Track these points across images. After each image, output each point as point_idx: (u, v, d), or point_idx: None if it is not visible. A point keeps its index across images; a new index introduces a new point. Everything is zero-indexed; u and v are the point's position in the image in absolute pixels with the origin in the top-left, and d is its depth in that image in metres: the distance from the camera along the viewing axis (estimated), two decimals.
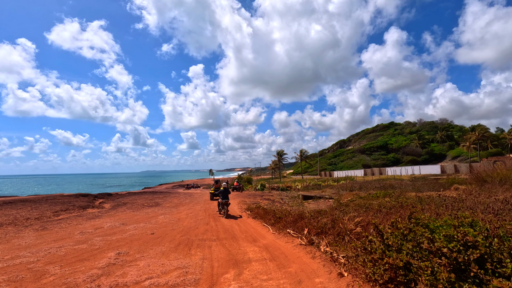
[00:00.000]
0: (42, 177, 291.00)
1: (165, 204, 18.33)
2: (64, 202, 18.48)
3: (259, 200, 19.09)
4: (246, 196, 22.47)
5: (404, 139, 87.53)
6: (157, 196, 23.74)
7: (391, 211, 7.96)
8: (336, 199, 17.57)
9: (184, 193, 31.80)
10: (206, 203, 18.37)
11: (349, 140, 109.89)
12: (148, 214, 13.86)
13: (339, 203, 12.55)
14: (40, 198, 23.35)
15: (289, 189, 34.22)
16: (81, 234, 9.16)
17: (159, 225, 10.82)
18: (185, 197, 23.72)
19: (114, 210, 15.49)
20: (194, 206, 17.08)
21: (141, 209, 15.95)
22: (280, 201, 19.96)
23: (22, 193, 62.03)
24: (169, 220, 11.88)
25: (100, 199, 25.70)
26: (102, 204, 21.74)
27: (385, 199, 10.38)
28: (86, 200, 21.61)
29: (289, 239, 7.86)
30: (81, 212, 15.19)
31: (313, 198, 21.77)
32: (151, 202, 19.49)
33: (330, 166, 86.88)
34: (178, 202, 19.45)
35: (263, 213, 11.54)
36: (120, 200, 22.10)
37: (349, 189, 22.86)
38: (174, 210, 15.37)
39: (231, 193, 27.90)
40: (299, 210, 14.73)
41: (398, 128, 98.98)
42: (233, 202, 18.45)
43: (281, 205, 18.01)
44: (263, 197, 21.34)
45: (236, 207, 15.30)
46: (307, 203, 19.90)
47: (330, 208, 12.48)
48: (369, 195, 12.23)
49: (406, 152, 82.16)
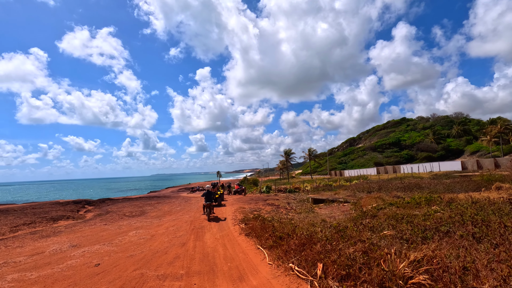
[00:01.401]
0: (58, 183, 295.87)
1: (151, 213, 15.51)
2: (36, 213, 15.94)
3: (261, 206, 16.03)
4: (247, 200, 19.46)
5: (417, 135, 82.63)
6: (149, 203, 21.02)
7: (461, 232, 4.79)
8: (354, 204, 14.33)
9: (184, 197, 29.04)
10: (198, 211, 15.45)
11: (359, 138, 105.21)
12: (120, 228, 11.04)
13: (362, 211, 9.37)
14: (20, 207, 20.99)
15: (297, 190, 31.02)
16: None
17: (119, 247, 7.94)
18: (180, 203, 20.90)
19: (87, 223, 12.77)
20: (183, 215, 14.18)
21: (119, 220, 13.16)
22: (286, 207, 16.84)
23: (27, 199, 60.87)
24: (138, 239, 8.99)
25: (90, 206, 23.26)
26: (86, 213, 19.17)
27: (432, 208, 7.17)
28: (70, 209, 19.09)
29: (292, 279, 4.82)
30: (46, 226, 12.52)
31: (325, 201, 18.56)
32: (137, 211, 16.73)
33: (340, 165, 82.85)
34: (167, 210, 16.61)
35: (260, 228, 8.49)
36: (107, 208, 19.48)
37: (367, 190, 19.53)
38: (155, 221, 12.50)
39: (232, 196, 24.97)
40: (308, 220, 11.61)
41: (411, 123, 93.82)
42: (229, 209, 15.47)
43: (287, 212, 14.90)
44: (267, 202, 18.27)
45: (230, 218, 12.29)
46: (318, 208, 16.73)
47: (351, 218, 9.32)
48: (403, 200, 9.01)
49: (420, 149, 77.44)
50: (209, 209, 12.74)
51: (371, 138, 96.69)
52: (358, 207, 13.36)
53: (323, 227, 8.42)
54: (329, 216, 14.09)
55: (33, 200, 56.85)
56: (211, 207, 13.13)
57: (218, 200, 17.62)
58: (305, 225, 10.72)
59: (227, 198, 23.77)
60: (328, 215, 14.38)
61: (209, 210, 12.73)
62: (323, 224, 11.54)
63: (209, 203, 12.85)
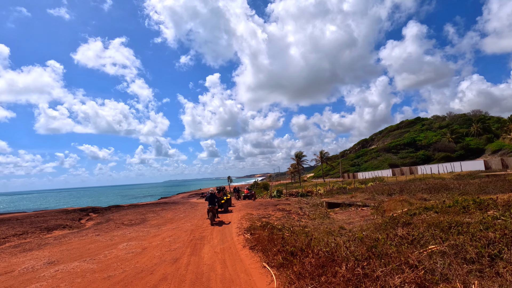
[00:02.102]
0: (75, 190, 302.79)
1: (151, 221, 14.27)
2: (34, 223, 15.02)
3: (271, 212, 14.51)
4: (256, 206, 17.96)
5: (434, 135, 78.85)
6: (153, 210, 19.87)
7: None
8: (375, 208, 12.59)
9: (192, 203, 27.84)
10: (201, 219, 14.10)
11: (371, 139, 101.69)
12: (112, 239, 9.79)
13: (389, 218, 7.73)
14: (24, 215, 20.27)
15: (310, 194, 29.26)
16: None
17: (100, 265, 6.64)
18: (185, 209, 19.63)
19: (80, 233, 11.63)
20: (185, 223, 12.84)
21: (114, 229, 11.95)
22: (299, 212, 15.25)
23: (46, 207, 61.47)
24: (126, 253, 7.68)
25: (96, 213, 22.39)
26: (88, 221, 18.19)
27: (488, 213, 5.50)
28: (71, 218, 18.18)
29: None
30: (36, 238, 11.47)
31: (341, 205, 16.83)
32: (138, 218, 15.55)
33: (353, 168, 79.98)
34: (170, 218, 15.34)
35: (268, 240, 7.00)
36: (109, 216, 18.44)
37: (387, 192, 17.66)
38: (153, 230, 11.20)
39: (241, 201, 23.53)
40: (324, 228, 10.02)
41: (426, 123, 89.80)
42: (236, 216, 14.03)
43: (299, 218, 13.32)
44: (277, 207, 16.72)
45: (235, 226, 10.83)
46: (334, 213, 15.05)
47: (376, 226, 7.70)
48: (442, 204, 7.31)
49: (437, 148, 73.77)
50: (212, 213, 12.27)
51: (384, 139, 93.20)
52: (381, 211, 11.65)
53: (344, 237, 6.84)
54: (347, 222, 12.41)
55: (52, 207, 57.24)
56: (215, 211, 12.74)
57: (225, 206, 16.23)
58: (321, 235, 9.14)
59: (236, 203, 22.36)
60: (346, 221, 12.70)
61: (213, 214, 12.28)
62: (342, 232, 9.92)
63: (212, 206, 12.44)
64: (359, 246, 5.13)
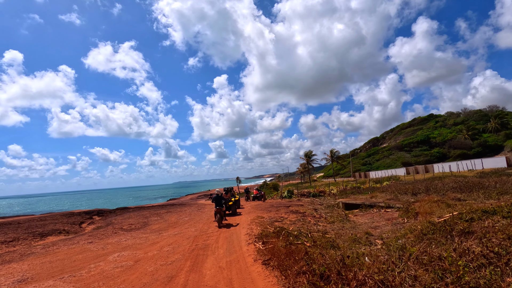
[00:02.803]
0: (88, 192, 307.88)
1: (153, 226, 13.00)
2: (30, 227, 14.00)
3: (283, 215, 13.02)
4: (267, 208, 16.48)
5: (448, 132, 75.46)
6: (157, 212, 18.67)
7: None
8: (405, 210, 10.92)
9: (199, 204, 26.61)
10: (207, 223, 12.75)
11: (382, 138, 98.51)
12: (104, 248, 8.53)
13: (436, 224, 6.14)
14: (26, 219, 19.42)
15: (322, 194, 27.58)
16: None
17: (80, 284, 5.33)
18: (191, 212, 18.34)
19: (72, 240, 10.44)
20: (188, 228, 11.50)
21: (111, 236, 10.71)
22: (314, 214, 13.70)
23: (51, 209, 61.67)
24: (114, 267, 6.37)
25: (99, 216, 21.41)
26: (89, 225, 17.12)
27: None
28: (72, 222, 17.16)
29: None
30: (24, 245, 10.35)
31: (361, 207, 15.17)
32: (140, 222, 14.34)
33: (364, 167, 77.41)
34: (173, 221, 14.05)
35: (285, 254, 5.54)
36: (111, 219, 17.35)
37: (411, 192, 15.89)
38: (153, 237, 9.90)
39: (250, 203, 22.07)
40: (346, 233, 8.49)
41: (439, 120, 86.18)
42: (245, 219, 12.60)
43: (316, 222, 11.79)
44: (290, 209, 15.21)
45: (244, 232, 9.37)
46: (353, 216, 13.44)
47: (414, 232, 6.14)
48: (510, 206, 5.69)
49: (453, 146, 70.51)
50: (220, 215, 11.63)
51: (396, 137, 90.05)
52: (412, 214, 10.00)
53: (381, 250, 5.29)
54: (371, 227, 10.79)
55: (66, 209, 57.35)
56: (223, 213, 12.03)
57: (233, 208, 14.84)
58: (347, 243, 7.62)
59: (244, 204, 20.96)
60: (370, 225, 11.09)
61: (220, 216, 11.63)
62: (370, 240, 8.35)
63: (220, 208, 11.76)
64: (418, 268, 3.61)
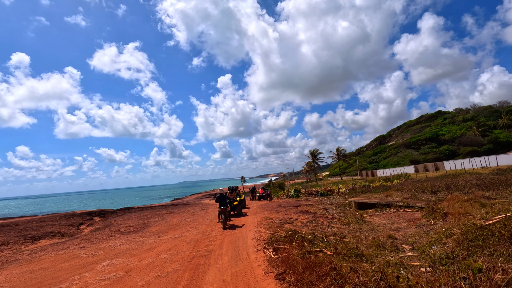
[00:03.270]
0: (96, 193, 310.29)
1: (152, 228, 12.06)
2: (24, 230, 13.21)
3: (293, 215, 11.95)
4: (274, 207, 15.44)
5: (458, 128, 73.31)
6: (159, 213, 17.78)
7: None
8: (430, 210, 9.76)
9: (203, 204, 25.68)
10: (210, 224, 11.77)
11: (389, 135, 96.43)
12: (96, 254, 7.60)
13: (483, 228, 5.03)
14: (25, 220, 18.72)
15: (331, 193, 26.41)
16: None
17: None
18: (194, 212, 17.39)
19: (64, 244, 9.56)
20: (190, 231, 10.53)
21: (106, 239, 9.80)
22: (326, 215, 12.60)
23: (59, 209, 61.54)
24: (101, 279, 5.41)
25: (101, 217, 20.65)
26: (88, 226, 16.30)
27: None
28: (70, 223, 16.37)
29: None
30: (12, 250, 9.48)
31: (376, 206, 14.01)
32: (140, 224, 13.44)
33: (371, 165, 75.76)
34: (175, 223, 13.11)
35: (304, 267, 4.48)
36: (111, 221, 16.53)
37: (429, 190, 14.68)
38: (150, 241, 8.94)
39: (256, 202, 21.03)
40: (364, 236, 7.40)
41: (448, 116, 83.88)
42: (251, 220, 11.57)
43: (329, 223, 10.71)
44: (299, 209, 14.14)
45: (252, 235, 8.33)
46: (369, 217, 12.31)
47: (458, 241, 5.03)
48: None
49: (463, 143, 68.47)
50: (224, 216, 10.73)
51: (403, 135, 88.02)
52: (440, 215, 8.84)
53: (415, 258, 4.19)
54: (392, 229, 9.66)
55: (73, 209, 57.17)
56: (227, 213, 11.18)
57: (238, 208, 13.83)
58: (371, 249, 6.54)
59: (250, 204, 19.94)
60: (390, 227, 9.95)
61: (225, 217, 10.73)
62: (396, 245, 7.25)
63: (224, 208, 10.89)
64: None
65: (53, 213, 47.48)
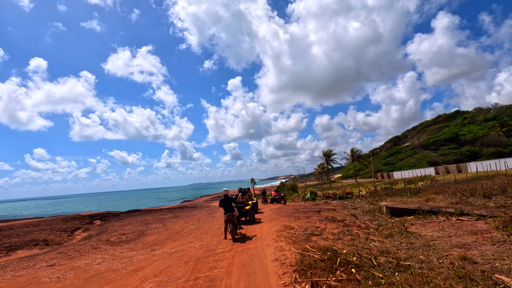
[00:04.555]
0: (111, 194, 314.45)
1: (149, 237, 10.01)
2: (6, 237, 11.45)
3: (318, 224, 9.64)
4: (292, 212, 13.16)
5: (479, 128, 68.79)
6: (162, 218, 15.82)
7: None
8: (509, 220, 7.26)
9: (212, 207, 23.64)
10: (217, 234, 9.63)
11: (404, 136, 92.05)
12: (61, 279, 5.59)
13: None
14: (20, 224, 17.19)
15: (350, 196, 23.87)
16: None
17: None
18: (200, 217, 15.32)
19: (33, 260, 7.62)
20: (192, 243, 8.40)
21: (87, 253, 7.80)
22: (357, 223, 10.22)
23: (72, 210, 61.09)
24: None
25: (102, 220, 18.97)
26: (84, 231, 14.49)
27: None
28: (63, 229, 14.62)
29: None
30: None
31: (417, 213, 11.49)
32: (136, 231, 11.47)
33: (386, 167, 72.03)
34: (176, 230, 11.04)
35: None
36: (108, 226, 14.67)
37: (480, 194, 12.03)
38: (140, 257, 6.87)
39: (269, 206, 18.72)
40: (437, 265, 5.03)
41: (467, 116, 79.12)
42: (267, 229, 9.34)
43: (367, 236, 8.36)
44: (322, 215, 11.82)
45: (271, 253, 6.09)
46: (411, 226, 9.84)
47: None
48: None
49: (485, 144, 64.00)
50: (233, 224, 8.40)
51: (419, 136, 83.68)
52: None
53: None
54: (457, 246, 7.14)
55: (89, 210, 56.58)
56: (236, 221, 8.97)
57: (250, 214, 11.62)
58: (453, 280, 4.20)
59: (262, 208, 17.72)
60: (451, 243, 7.44)
61: (234, 226, 8.44)
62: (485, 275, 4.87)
63: (231, 214, 8.53)
64: None
65: (66, 214, 46.71)
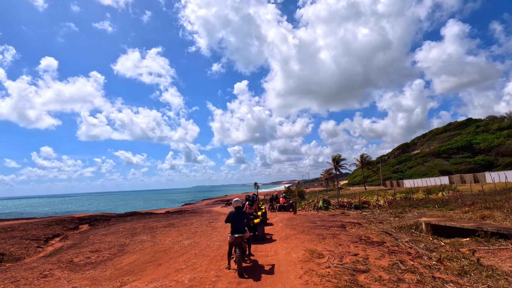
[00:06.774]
0: (117, 194, 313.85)
1: (126, 258, 7.52)
2: None
3: (352, 247, 7.03)
4: (310, 227, 10.56)
5: (494, 137, 65.17)
6: (153, 226, 13.34)
7: None
8: None
9: (213, 213, 21.12)
10: (215, 259, 7.06)
11: (413, 144, 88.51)
12: None
13: None
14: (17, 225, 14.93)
15: (366, 206, 21.12)
16: None
17: None
18: (199, 226, 12.78)
19: None
20: (180, 272, 5.89)
21: (31, 284, 5.38)
22: (403, 248, 7.57)
23: (76, 210, 59.17)
24: None
25: (90, 225, 16.61)
26: (62, 240, 12.09)
27: None
28: (37, 236, 12.27)
29: None
30: None
31: (477, 234, 8.74)
32: (115, 246, 9.02)
33: (395, 174, 68.63)
34: (165, 247, 8.52)
35: None
36: (89, 234, 12.27)
37: None
38: (117, 281, 4.42)
39: (277, 215, 16.02)
40: None
41: (480, 124, 75.57)
42: (284, 256, 6.73)
43: (429, 271, 5.70)
44: (350, 231, 9.21)
45: None
46: (485, 260, 7.14)
47: None
48: None
49: (501, 153, 60.38)
50: (240, 250, 5.59)
51: (429, 143, 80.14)
52: None
53: None
54: None
55: (93, 211, 54.57)
56: (245, 246, 6.03)
57: (259, 230, 8.96)
58: None
59: (271, 218, 15.09)
60: None
61: (240, 253, 5.55)
62: None
63: (240, 236, 5.74)
64: None
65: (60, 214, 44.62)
